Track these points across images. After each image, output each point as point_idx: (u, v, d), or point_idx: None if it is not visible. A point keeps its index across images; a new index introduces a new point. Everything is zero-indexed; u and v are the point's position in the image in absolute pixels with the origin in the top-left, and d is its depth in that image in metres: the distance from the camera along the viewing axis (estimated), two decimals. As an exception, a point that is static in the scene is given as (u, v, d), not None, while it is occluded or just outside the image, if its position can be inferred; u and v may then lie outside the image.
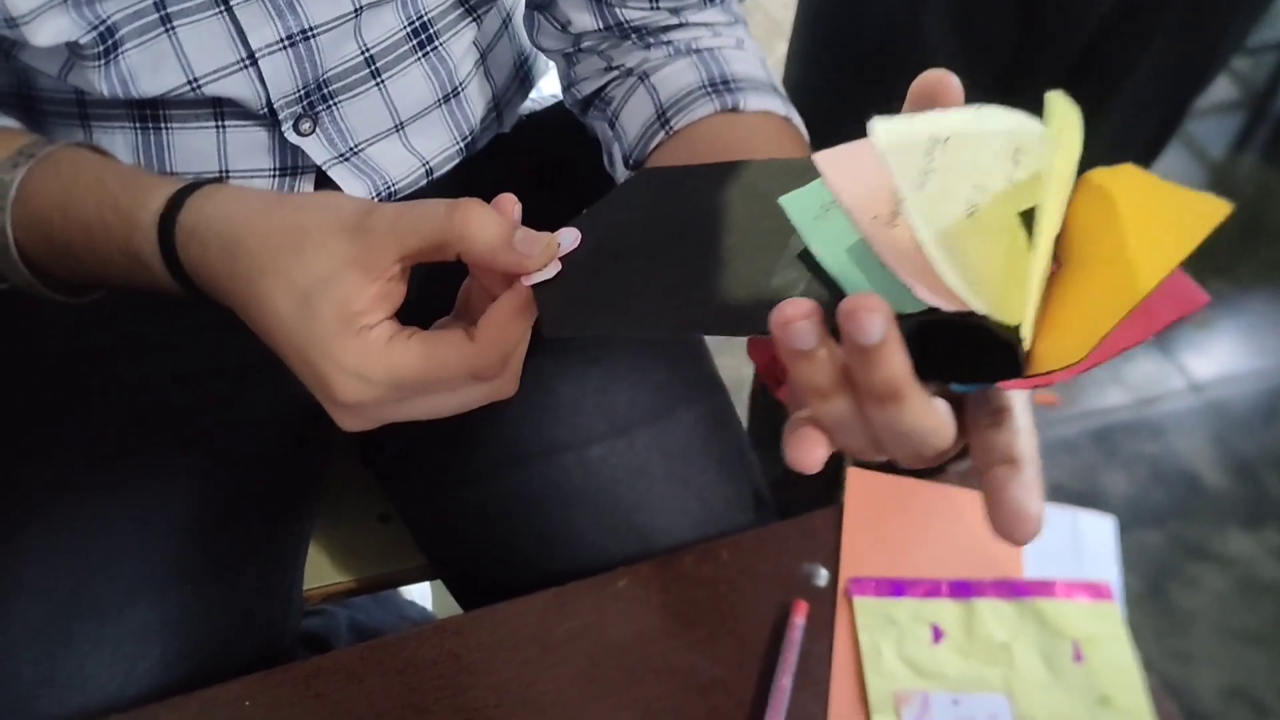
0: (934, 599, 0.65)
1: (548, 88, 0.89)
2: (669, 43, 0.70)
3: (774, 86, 0.69)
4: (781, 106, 0.67)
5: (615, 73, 0.72)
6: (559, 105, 0.86)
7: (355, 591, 0.84)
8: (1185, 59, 1.04)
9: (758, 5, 2.49)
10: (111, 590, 0.64)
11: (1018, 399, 0.40)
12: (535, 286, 0.46)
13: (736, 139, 0.65)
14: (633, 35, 0.70)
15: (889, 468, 1.68)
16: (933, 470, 1.59)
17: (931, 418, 0.37)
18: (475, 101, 0.75)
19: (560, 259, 0.47)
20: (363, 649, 0.63)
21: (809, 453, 0.39)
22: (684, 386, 0.76)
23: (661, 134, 0.67)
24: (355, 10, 0.64)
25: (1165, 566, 1.62)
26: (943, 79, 0.41)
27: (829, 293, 0.39)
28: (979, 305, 0.35)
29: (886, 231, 0.37)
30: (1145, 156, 1.17)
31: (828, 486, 1.60)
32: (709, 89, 0.67)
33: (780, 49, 1.20)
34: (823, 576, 0.66)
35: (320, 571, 0.83)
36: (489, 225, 0.45)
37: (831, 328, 0.36)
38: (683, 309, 0.43)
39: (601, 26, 0.70)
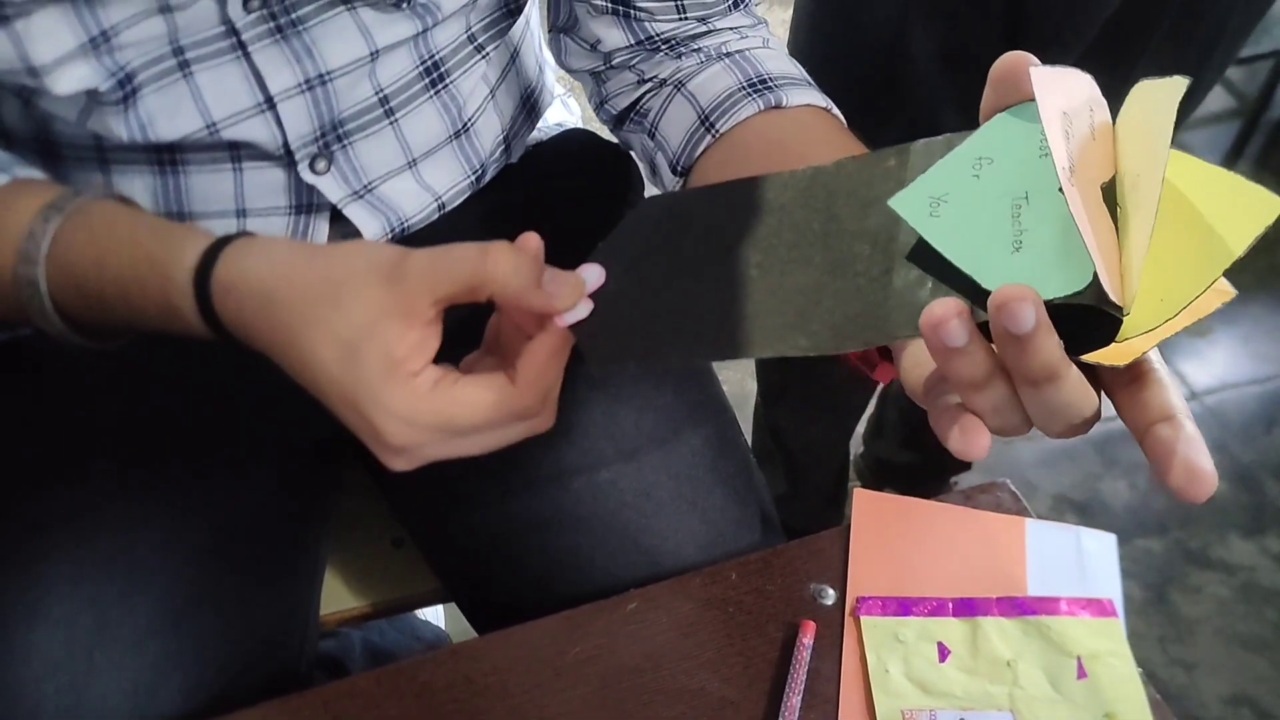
0: (939, 617, 0.66)
1: (553, 117, 0.90)
2: (699, 50, 0.72)
3: (808, 81, 0.71)
4: (822, 99, 0.69)
5: (649, 84, 0.74)
6: (564, 134, 0.87)
7: (370, 616, 0.85)
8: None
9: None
10: (132, 620, 0.65)
11: (1154, 352, 0.40)
12: (574, 326, 0.48)
13: (786, 134, 0.67)
14: (663, 47, 0.72)
15: (896, 483, 1.69)
16: (938, 488, 1.59)
17: (1085, 391, 0.39)
18: (485, 135, 0.77)
19: (590, 296, 0.48)
20: (379, 674, 0.64)
21: (975, 442, 0.40)
22: (690, 409, 0.78)
23: (708, 138, 0.69)
24: (371, 54, 0.66)
25: (1167, 574, 1.63)
26: (1023, 57, 0.42)
27: (956, 287, 0.40)
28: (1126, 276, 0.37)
29: (1071, 188, 0.39)
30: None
31: (829, 503, 1.62)
32: (748, 89, 0.68)
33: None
34: (830, 596, 0.67)
35: (336, 596, 0.84)
36: (518, 269, 0.47)
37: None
38: (764, 327, 0.44)
39: (632, 42, 0.72)
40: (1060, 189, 0.39)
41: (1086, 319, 0.38)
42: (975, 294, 0.40)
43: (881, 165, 0.46)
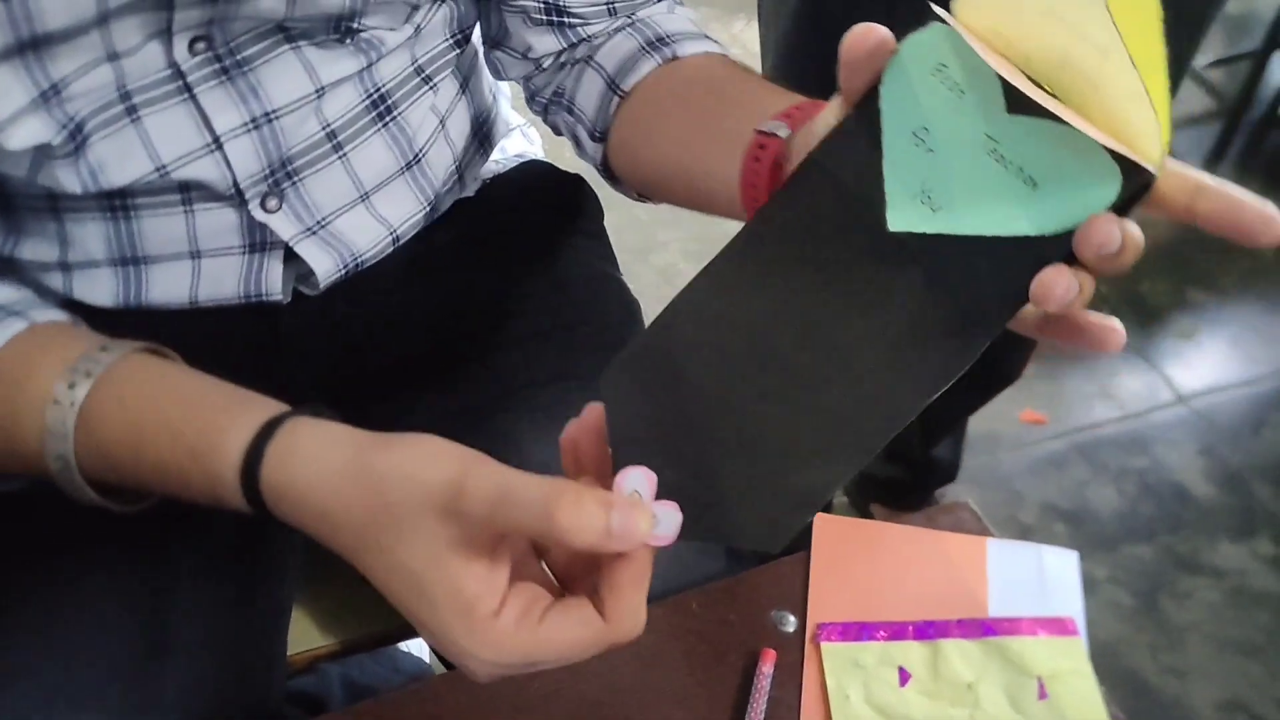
0: (900, 641, 0.66)
1: (513, 148, 0.91)
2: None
3: (705, 35, 0.74)
4: (717, 47, 0.72)
5: (565, 69, 0.76)
6: (522, 165, 0.88)
7: (340, 653, 0.85)
8: None
9: (735, 39, 2.52)
10: (95, 670, 0.65)
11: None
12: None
13: (682, 81, 0.70)
14: (591, 40, 0.74)
15: (881, 499, 1.68)
16: (924, 502, 1.59)
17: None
18: (437, 166, 0.77)
19: (660, 498, 0.45)
20: (347, 713, 0.64)
21: (1118, 333, 0.43)
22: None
23: (616, 99, 0.71)
24: (317, 91, 0.66)
25: (1157, 581, 1.63)
26: (870, 28, 0.43)
27: (950, 248, 0.42)
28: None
29: (1040, 93, 0.40)
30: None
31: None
32: (647, 48, 0.71)
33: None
34: (791, 623, 0.67)
35: (307, 634, 0.84)
36: (586, 526, 0.42)
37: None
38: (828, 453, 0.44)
39: (564, 45, 0.74)
40: (1008, 111, 0.41)
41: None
42: (993, 252, 0.41)
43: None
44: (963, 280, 0.42)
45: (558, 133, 0.80)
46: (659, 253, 2.05)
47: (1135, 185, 0.39)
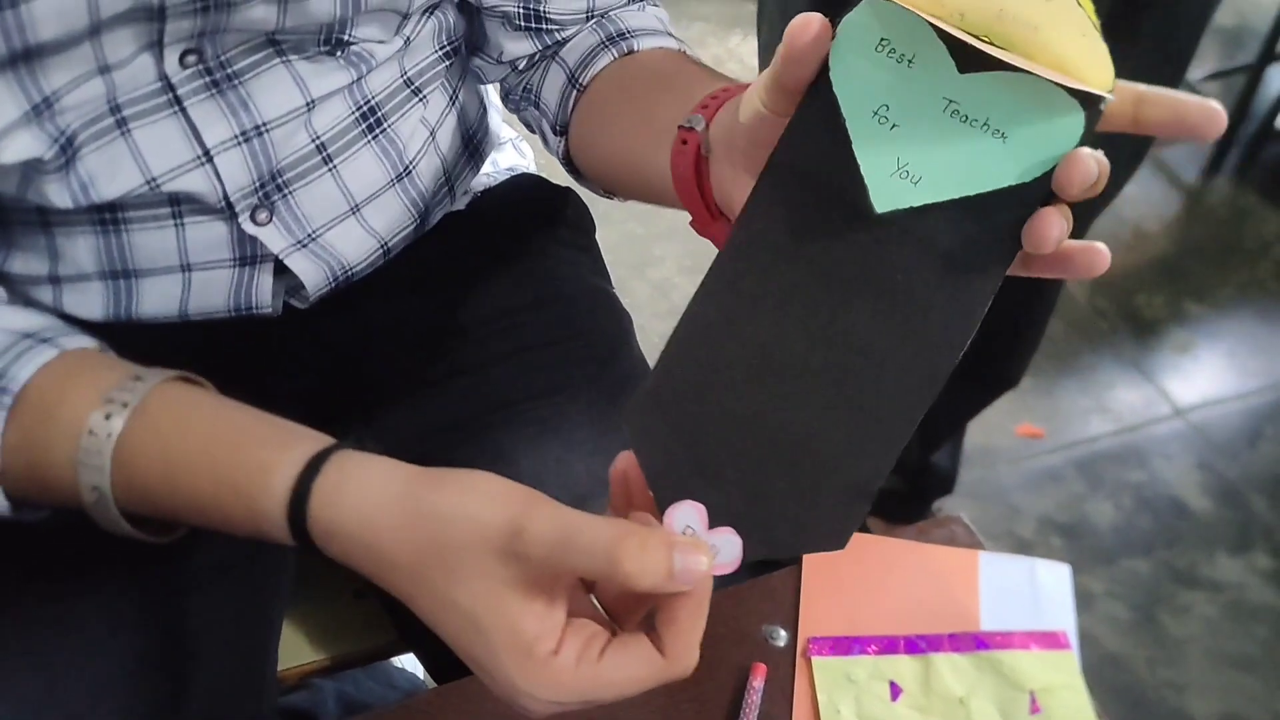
0: (891, 655, 0.66)
1: (505, 161, 0.91)
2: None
3: (668, 31, 0.74)
4: (675, 44, 0.73)
5: (535, 67, 0.77)
6: (513, 179, 0.88)
7: (331, 669, 0.84)
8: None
9: (731, 53, 2.53)
10: (83, 685, 0.65)
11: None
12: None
13: (631, 75, 0.70)
14: (565, 41, 0.75)
15: (879, 512, 1.68)
16: (921, 514, 1.59)
17: None
18: (427, 177, 0.77)
19: (714, 525, 0.45)
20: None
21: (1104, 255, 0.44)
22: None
23: (575, 93, 0.72)
24: (307, 104, 0.67)
25: (1155, 595, 1.63)
26: (809, 20, 0.43)
27: (936, 215, 0.43)
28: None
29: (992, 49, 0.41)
30: (1117, 180, 1.19)
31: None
32: (606, 43, 0.72)
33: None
34: (782, 637, 0.67)
35: (297, 650, 0.84)
36: (654, 570, 0.42)
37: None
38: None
39: (540, 48, 0.75)
40: (960, 71, 0.42)
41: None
42: (985, 205, 0.43)
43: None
44: (955, 243, 0.43)
45: (530, 129, 0.81)
46: (655, 267, 2.05)
47: (1096, 114, 0.41)
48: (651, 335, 1.76)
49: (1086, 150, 0.41)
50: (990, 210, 0.42)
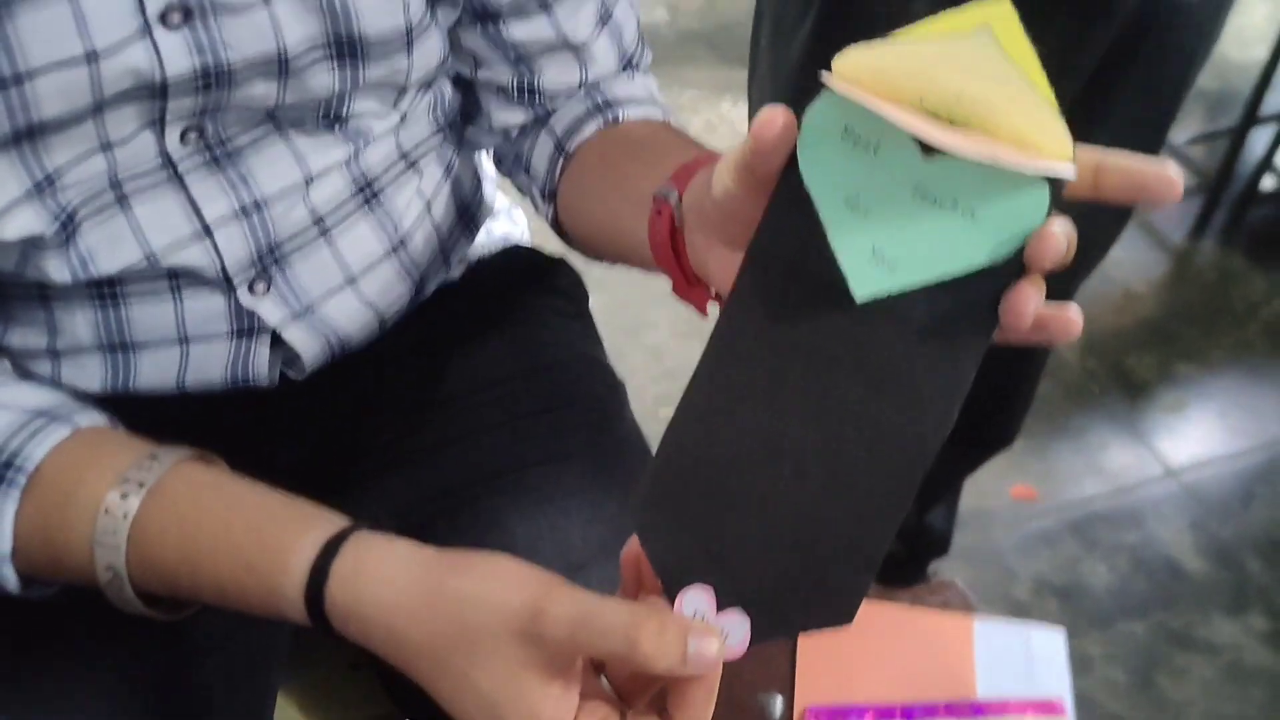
0: (888, 724, 0.65)
1: (498, 229, 0.92)
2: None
3: (654, 100, 0.76)
4: (660, 113, 0.74)
5: (526, 134, 0.78)
6: (506, 251, 0.89)
7: (325, 741, 0.84)
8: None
9: (722, 118, 2.56)
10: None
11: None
12: None
13: (613, 144, 0.72)
14: (557, 112, 0.76)
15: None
16: (918, 575, 1.58)
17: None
18: (422, 248, 0.78)
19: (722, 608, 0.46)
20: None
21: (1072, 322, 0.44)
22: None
23: (561, 161, 0.74)
24: (306, 179, 0.68)
25: (1152, 658, 1.62)
26: (776, 113, 0.44)
27: (913, 297, 0.44)
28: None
29: (950, 136, 0.41)
30: (1103, 242, 1.21)
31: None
32: (593, 111, 0.74)
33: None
34: (778, 706, 0.67)
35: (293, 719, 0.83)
36: (670, 654, 0.44)
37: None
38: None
39: (532, 119, 0.77)
40: (924, 154, 0.42)
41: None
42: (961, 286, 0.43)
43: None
44: (935, 321, 0.44)
45: (522, 194, 0.82)
46: (649, 332, 2.06)
47: (1060, 186, 0.42)
48: (645, 399, 1.77)
49: (1055, 225, 0.42)
50: (966, 288, 0.43)
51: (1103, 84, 1.01)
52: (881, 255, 0.44)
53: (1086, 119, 1.01)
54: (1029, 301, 0.42)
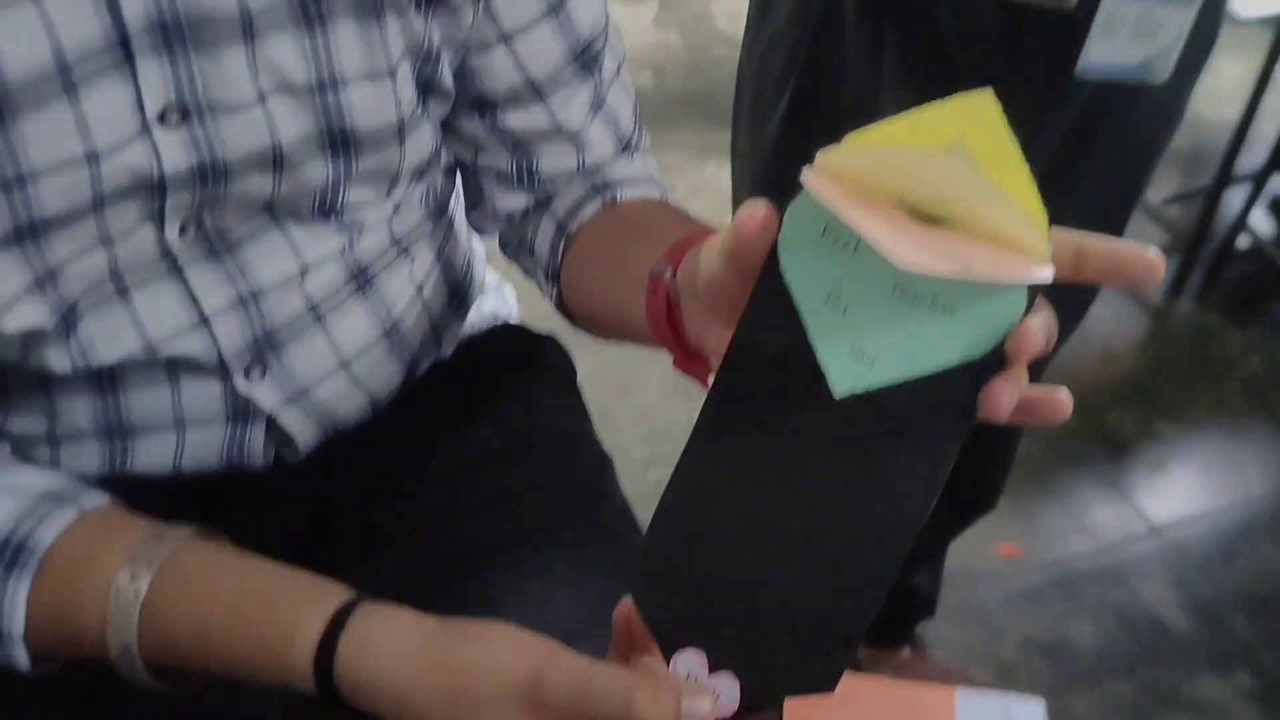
0: (872, 797, 0.66)
1: (486, 306, 0.93)
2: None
3: (653, 180, 0.78)
4: (658, 192, 0.76)
5: (529, 218, 0.80)
6: (496, 329, 0.90)
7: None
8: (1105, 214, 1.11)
9: (707, 182, 2.59)
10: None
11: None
12: None
13: (612, 224, 0.74)
14: (558, 195, 0.78)
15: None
16: (905, 636, 1.58)
17: None
18: (414, 331, 0.80)
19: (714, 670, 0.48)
20: None
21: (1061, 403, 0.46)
22: (623, 592, 0.79)
23: (563, 242, 0.76)
24: (301, 270, 0.69)
25: (1139, 717, 1.62)
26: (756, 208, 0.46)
27: (893, 391, 0.45)
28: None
29: (915, 241, 0.42)
30: (1081, 303, 1.23)
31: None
32: (593, 193, 0.76)
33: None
34: (764, 780, 0.68)
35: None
36: (664, 715, 0.47)
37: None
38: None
39: (533, 205, 0.79)
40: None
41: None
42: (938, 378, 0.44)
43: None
44: (914, 413, 0.45)
45: (528, 276, 0.84)
46: (637, 392, 2.08)
47: (1037, 287, 0.43)
48: (634, 460, 1.78)
49: (1034, 321, 0.43)
50: (946, 381, 0.44)
51: (1066, 162, 1.04)
52: (861, 352, 0.45)
53: (1049, 197, 1.03)
54: (1005, 396, 0.43)
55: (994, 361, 0.44)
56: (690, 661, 0.48)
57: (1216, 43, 1.02)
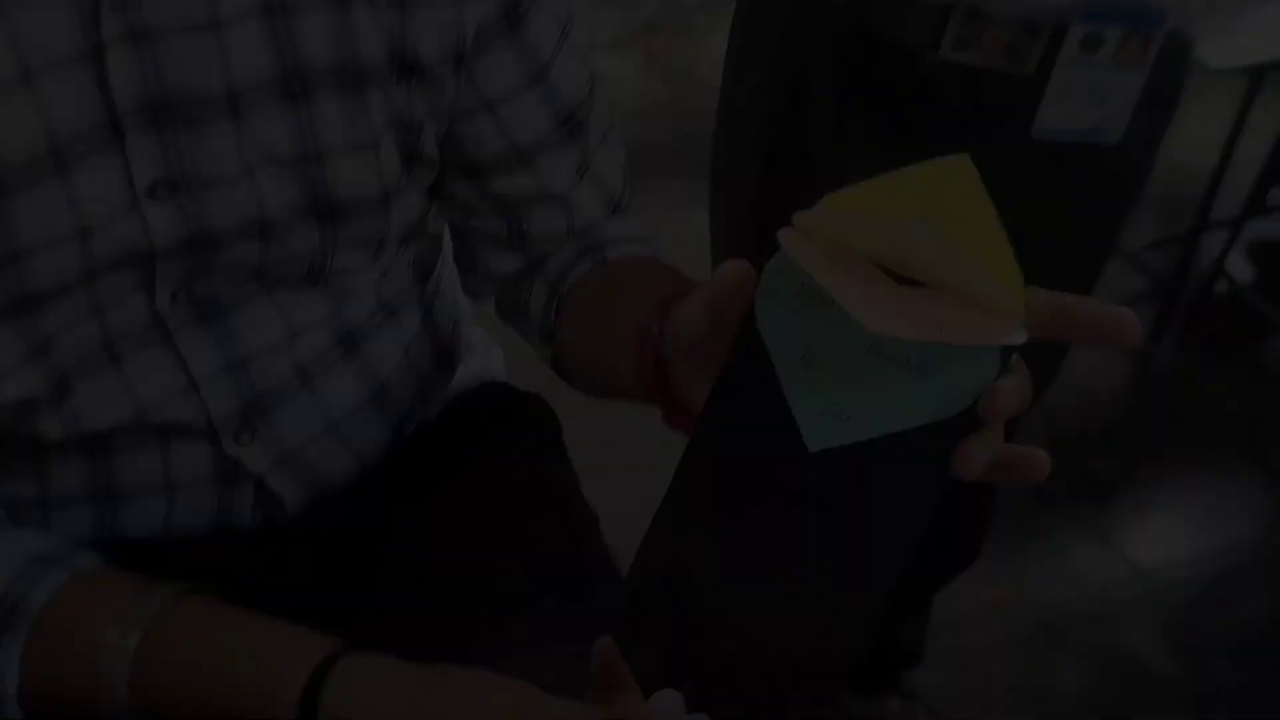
0: None
1: (473, 364, 0.94)
2: None
3: (642, 238, 0.79)
4: (647, 250, 0.78)
5: (523, 280, 0.81)
6: (482, 388, 0.91)
7: None
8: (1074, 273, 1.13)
9: (691, 229, 2.61)
10: None
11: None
12: None
13: (602, 283, 0.75)
14: (550, 256, 0.79)
15: (848, 684, 1.67)
16: (892, 684, 1.58)
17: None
18: (401, 392, 0.81)
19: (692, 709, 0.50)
20: None
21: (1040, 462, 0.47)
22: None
23: (555, 303, 0.77)
24: (290, 335, 0.70)
25: (1126, 764, 1.63)
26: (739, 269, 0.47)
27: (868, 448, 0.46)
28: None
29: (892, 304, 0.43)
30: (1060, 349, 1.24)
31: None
32: (583, 254, 0.77)
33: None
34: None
35: None
36: None
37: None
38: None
39: (525, 265, 0.80)
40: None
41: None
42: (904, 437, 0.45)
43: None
44: (890, 468, 0.46)
45: (524, 337, 0.85)
46: (624, 447, 2.08)
47: (1010, 350, 0.44)
48: (621, 514, 1.78)
49: (1007, 383, 0.44)
50: (920, 438, 0.45)
51: (1038, 221, 1.06)
52: (836, 410, 0.46)
53: (1024, 256, 1.05)
54: (977, 456, 0.44)
55: (967, 421, 0.45)
56: (669, 700, 0.50)
57: (1178, 104, 1.04)
